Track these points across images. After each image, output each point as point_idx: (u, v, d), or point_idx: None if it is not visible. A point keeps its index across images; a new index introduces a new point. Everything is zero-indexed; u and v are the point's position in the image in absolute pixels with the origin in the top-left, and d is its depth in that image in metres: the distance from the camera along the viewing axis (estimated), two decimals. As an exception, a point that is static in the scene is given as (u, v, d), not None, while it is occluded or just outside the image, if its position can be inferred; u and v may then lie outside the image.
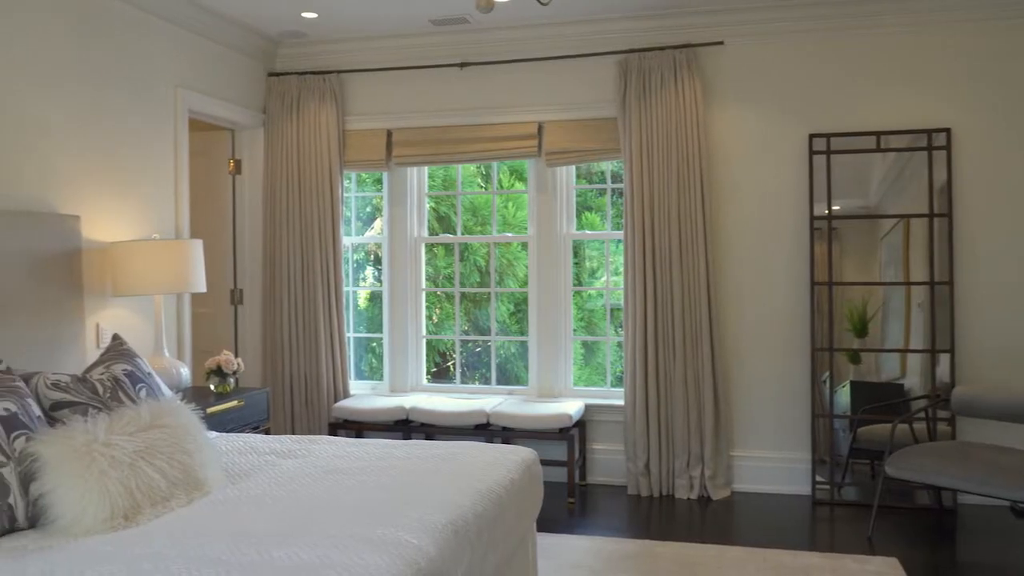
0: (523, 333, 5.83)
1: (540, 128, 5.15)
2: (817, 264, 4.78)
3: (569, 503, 4.69)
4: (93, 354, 3.91)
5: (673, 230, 4.82)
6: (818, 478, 4.75)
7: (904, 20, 4.66)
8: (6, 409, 2.42)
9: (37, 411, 2.55)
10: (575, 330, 5.43)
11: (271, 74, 5.43)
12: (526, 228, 5.53)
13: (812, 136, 4.76)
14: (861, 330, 4.74)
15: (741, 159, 4.91)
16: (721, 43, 4.84)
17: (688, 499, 4.80)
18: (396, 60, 5.36)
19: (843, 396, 4.76)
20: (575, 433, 4.85)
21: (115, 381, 2.88)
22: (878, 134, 4.68)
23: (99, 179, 4.03)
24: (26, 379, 2.71)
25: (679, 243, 4.82)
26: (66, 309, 3.67)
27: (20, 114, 3.57)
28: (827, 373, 4.76)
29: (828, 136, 4.74)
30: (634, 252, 4.88)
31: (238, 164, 5.46)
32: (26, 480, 2.34)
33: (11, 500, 2.29)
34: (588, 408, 5.14)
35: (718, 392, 4.81)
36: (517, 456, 3.09)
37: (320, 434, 5.25)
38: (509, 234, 5.97)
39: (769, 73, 4.86)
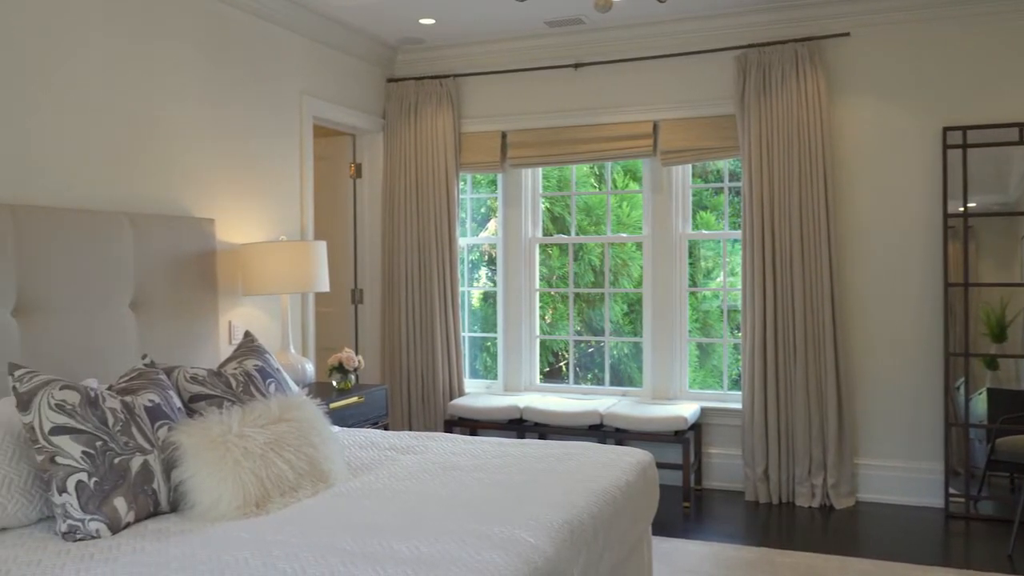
0: (637, 334, 5.78)
1: (655, 127, 5.09)
2: (951, 264, 4.53)
3: (684, 507, 4.62)
4: (226, 349, 4.12)
5: (794, 229, 4.67)
6: (952, 490, 4.50)
7: (1050, 4, 4.37)
8: (151, 400, 2.58)
9: (178, 403, 2.71)
10: (690, 331, 5.34)
11: (390, 80, 5.58)
12: (641, 228, 5.48)
13: (946, 129, 4.51)
14: (999, 334, 4.47)
15: (868, 155, 4.71)
16: (847, 34, 4.66)
17: (809, 507, 4.64)
18: (511, 62, 5.41)
19: (979, 404, 4.50)
20: (690, 436, 4.76)
21: (247, 376, 3.03)
22: (1021, 126, 4.39)
23: (231, 184, 4.24)
24: (168, 372, 2.89)
25: (800, 242, 4.66)
26: (202, 307, 3.88)
27: (159, 123, 3.80)
28: (961, 379, 4.50)
29: (964, 129, 4.49)
30: (752, 252, 4.75)
31: (359, 168, 5.64)
32: (168, 467, 2.48)
33: (155, 485, 2.44)
34: (704, 411, 5.04)
35: (842, 397, 4.63)
36: (633, 458, 3.07)
37: (436, 431, 5.35)
38: (623, 234, 5.93)
39: (899, 64, 4.64)
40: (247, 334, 3.35)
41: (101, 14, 3.50)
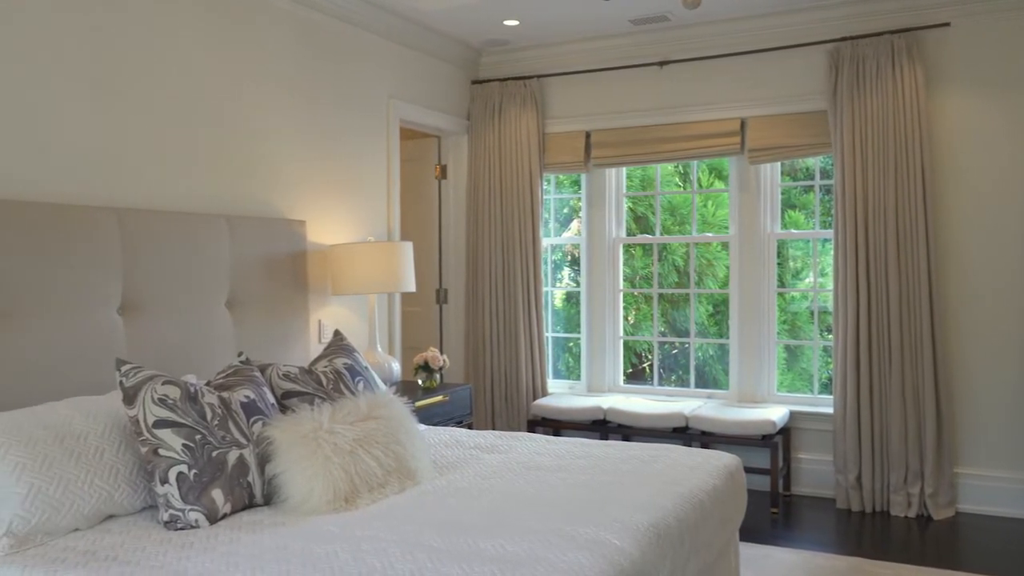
0: (722, 335, 5.68)
1: (743, 124, 4.99)
2: (1060, 264, 4.29)
3: (772, 513, 4.51)
4: (315, 348, 4.23)
5: (889, 228, 4.51)
6: (1060, 502, 4.28)
7: None
8: (246, 396, 2.67)
9: (271, 399, 2.79)
10: (778, 333, 5.21)
11: (474, 81, 5.63)
12: (727, 227, 5.38)
13: (1055, 123, 4.29)
14: (1115, 339, 4.21)
15: (970, 150, 4.51)
16: (947, 24, 4.47)
17: (905, 517, 4.47)
18: (595, 62, 5.39)
19: (1092, 412, 4.25)
20: (779, 441, 4.65)
21: (337, 373, 3.10)
22: None
23: (321, 186, 4.35)
24: (262, 369, 2.99)
25: (896, 242, 4.50)
26: (293, 306, 4.00)
27: (254, 129, 3.93)
28: (1072, 386, 4.27)
29: (1075, 122, 4.25)
30: (845, 252, 4.61)
31: (443, 169, 5.71)
32: (262, 461, 2.57)
33: (250, 478, 2.52)
34: (793, 415, 4.92)
35: (941, 403, 4.44)
36: (720, 461, 3.01)
37: (519, 431, 5.38)
38: (709, 234, 5.83)
39: (1004, 53, 4.43)
40: (337, 333, 3.43)
41: (201, 24, 3.64)
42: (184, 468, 2.39)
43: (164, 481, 2.37)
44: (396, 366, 4.33)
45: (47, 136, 3.02)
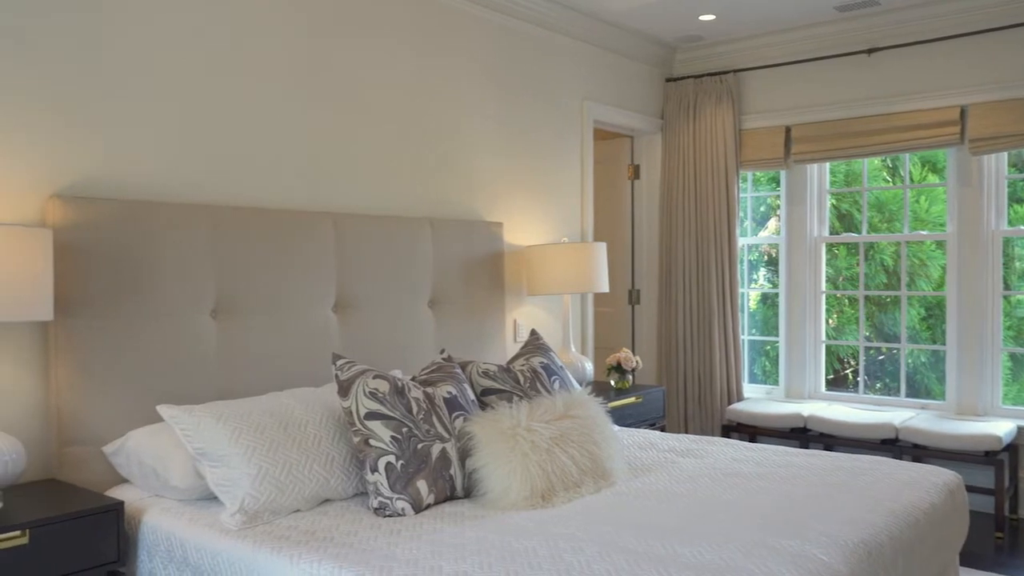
0: (936, 341, 5.26)
1: (963, 112, 4.60)
2: None
3: (997, 537, 4.13)
4: (511, 347, 4.34)
5: None
6: None
7: None
8: (449, 392, 2.79)
9: (471, 395, 2.89)
10: (1003, 340, 4.76)
11: (668, 79, 5.55)
12: (942, 224, 4.98)
13: None
14: None
15: None
16: None
17: None
18: (795, 53, 5.16)
19: None
20: (1004, 458, 4.25)
21: (533, 372, 3.17)
22: None
23: (517, 188, 4.46)
24: (462, 366, 3.10)
25: None
26: (491, 306, 4.12)
27: (454, 133, 4.09)
28: None
29: None
30: (1087, 251, 4.14)
31: (636, 169, 5.68)
32: (463, 455, 2.66)
33: (452, 471, 2.63)
34: (1021, 431, 4.47)
35: None
36: (938, 478, 2.80)
37: (712, 435, 5.26)
38: (923, 232, 5.42)
39: None
40: (533, 332, 3.50)
41: (406, 36, 3.83)
42: (392, 458, 2.52)
43: (374, 470, 2.51)
44: (589, 366, 4.35)
45: (276, 147, 3.29)
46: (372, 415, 2.58)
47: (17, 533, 2.15)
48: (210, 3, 3.08)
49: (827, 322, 5.47)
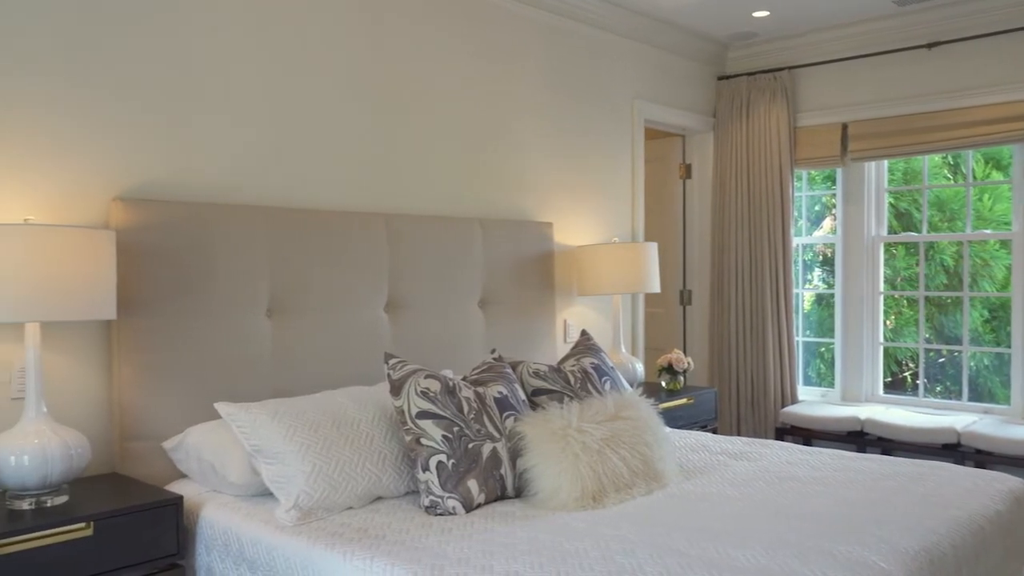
0: (1001, 343, 5.10)
1: (1030, 108, 4.46)
2: None
3: (1065, 546, 3.98)
4: (561, 347, 4.33)
5: None
6: None
7: None
8: (499, 392, 2.79)
9: (522, 395, 2.89)
10: (1073, 343, 4.59)
11: (720, 77, 5.48)
12: (1007, 223, 4.83)
13: None
14: None
15: None
16: None
17: None
18: (852, 48, 5.05)
19: None
20: (1073, 465, 4.10)
21: (584, 373, 3.15)
22: None
23: (567, 188, 4.44)
24: (513, 366, 3.10)
25: None
26: (540, 306, 4.12)
27: (505, 135, 4.09)
28: None
29: None
30: None
31: (688, 168, 5.62)
32: (514, 455, 2.66)
33: (502, 471, 2.63)
34: (1091, 437, 4.31)
35: None
36: (1004, 485, 2.71)
37: (765, 438, 5.16)
38: (986, 231, 5.27)
39: None
40: (584, 333, 3.49)
41: (458, 39, 3.85)
42: (443, 457, 2.53)
43: (425, 468, 2.53)
44: (639, 367, 4.32)
45: (331, 149, 3.34)
46: (424, 414, 2.59)
47: (82, 525, 2.22)
48: (272, 13, 3.14)
49: (884, 323, 5.35)
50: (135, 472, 2.71)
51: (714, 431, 4.48)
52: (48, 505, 2.30)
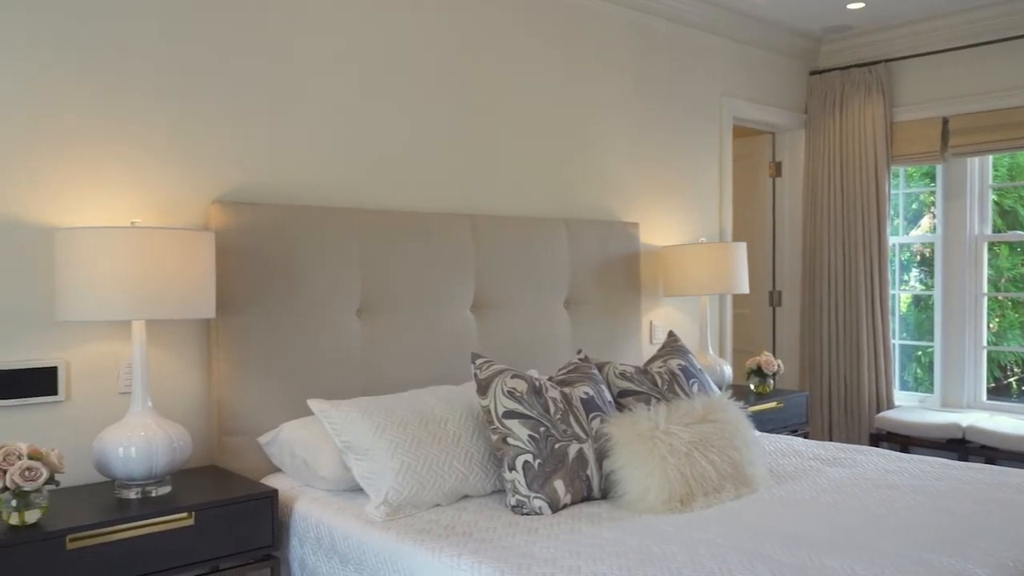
0: (1119, 349, 4.82)
1: None
2: None
3: None
4: (646, 348, 4.29)
5: None
6: None
7: None
8: (586, 393, 2.78)
9: (608, 396, 2.88)
10: None
11: (812, 72, 5.34)
12: None
13: None
14: None
15: None
16: None
17: None
18: (953, 39, 4.85)
19: None
20: None
21: (671, 374, 3.12)
22: None
23: (653, 188, 4.40)
24: (599, 367, 3.09)
25: None
26: (626, 306, 4.09)
27: (590, 133, 4.08)
28: None
29: None
30: None
31: (778, 166, 5.49)
32: (600, 456, 2.65)
33: (589, 472, 2.62)
34: None
35: None
36: (1120, 498, 2.56)
37: (859, 444, 5.01)
38: (1100, 229, 4.98)
39: None
40: (671, 334, 3.45)
41: (548, 40, 3.85)
42: (529, 457, 2.54)
43: (512, 468, 2.54)
44: (728, 369, 4.24)
45: (421, 152, 3.40)
46: (510, 414, 2.60)
47: (184, 515, 2.31)
48: (366, 17, 3.21)
49: (988, 326, 5.11)
50: (232, 465, 2.81)
51: (805, 436, 4.36)
52: (153, 495, 2.40)
